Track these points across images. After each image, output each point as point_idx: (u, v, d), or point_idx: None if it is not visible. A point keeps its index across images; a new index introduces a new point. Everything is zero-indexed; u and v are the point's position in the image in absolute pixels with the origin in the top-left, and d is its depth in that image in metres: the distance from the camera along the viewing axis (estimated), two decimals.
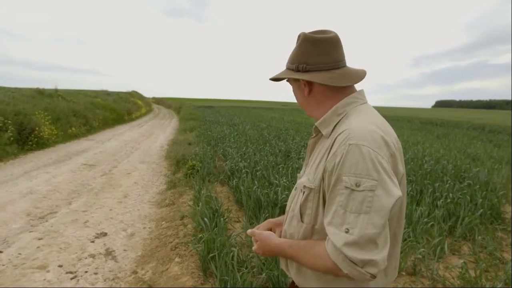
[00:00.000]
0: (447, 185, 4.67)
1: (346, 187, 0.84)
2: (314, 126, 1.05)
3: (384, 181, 0.83)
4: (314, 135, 1.08)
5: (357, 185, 0.83)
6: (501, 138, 13.80)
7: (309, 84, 1.03)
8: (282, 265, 1.13)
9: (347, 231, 0.83)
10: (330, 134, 0.99)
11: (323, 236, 0.93)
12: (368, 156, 0.84)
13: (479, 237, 3.38)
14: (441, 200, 4.03)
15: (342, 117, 0.99)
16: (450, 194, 4.26)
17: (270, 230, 1.19)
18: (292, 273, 1.06)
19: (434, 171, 5.61)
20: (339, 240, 0.83)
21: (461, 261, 2.86)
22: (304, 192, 0.99)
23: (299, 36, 1.05)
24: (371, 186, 0.82)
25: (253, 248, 1.11)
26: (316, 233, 0.97)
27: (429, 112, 48.62)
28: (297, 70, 1.03)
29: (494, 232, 3.59)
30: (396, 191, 0.85)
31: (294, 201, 1.06)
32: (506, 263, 2.87)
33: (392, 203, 0.83)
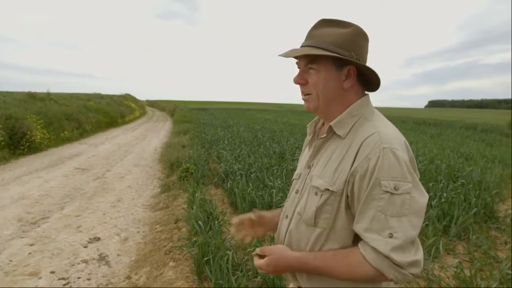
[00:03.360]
0: (441, 184, 4.69)
1: (386, 191, 0.84)
2: (328, 126, 0.99)
3: (416, 183, 0.87)
4: (324, 135, 1.00)
5: (396, 188, 0.84)
6: (493, 137, 13.95)
7: (353, 77, 0.96)
8: (287, 275, 1.05)
9: (391, 236, 0.83)
10: (346, 136, 0.96)
11: (339, 241, 0.92)
12: (402, 159, 0.86)
13: (474, 236, 3.39)
14: (435, 200, 4.04)
15: (358, 119, 0.96)
16: (444, 194, 4.29)
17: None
18: (302, 283, 0.99)
19: (428, 171, 5.64)
20: (385, 246, 0.83)
21: (456, 260, 2.87)
22: (321, 195, 0.93)
23: (339, 22, 0.95)
24: (408, 188, 0.84)
25: (258, 263, 0.99)
26: (330, 238, 0.93)
27: (422, 112, 48.98)
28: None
29: (488, 231, 3.62)
30: (424, 191, 0.89)
31: (301, 204, 0.99)
32: (501, 262, 2.88)
33: (426, 201, 0.87)
